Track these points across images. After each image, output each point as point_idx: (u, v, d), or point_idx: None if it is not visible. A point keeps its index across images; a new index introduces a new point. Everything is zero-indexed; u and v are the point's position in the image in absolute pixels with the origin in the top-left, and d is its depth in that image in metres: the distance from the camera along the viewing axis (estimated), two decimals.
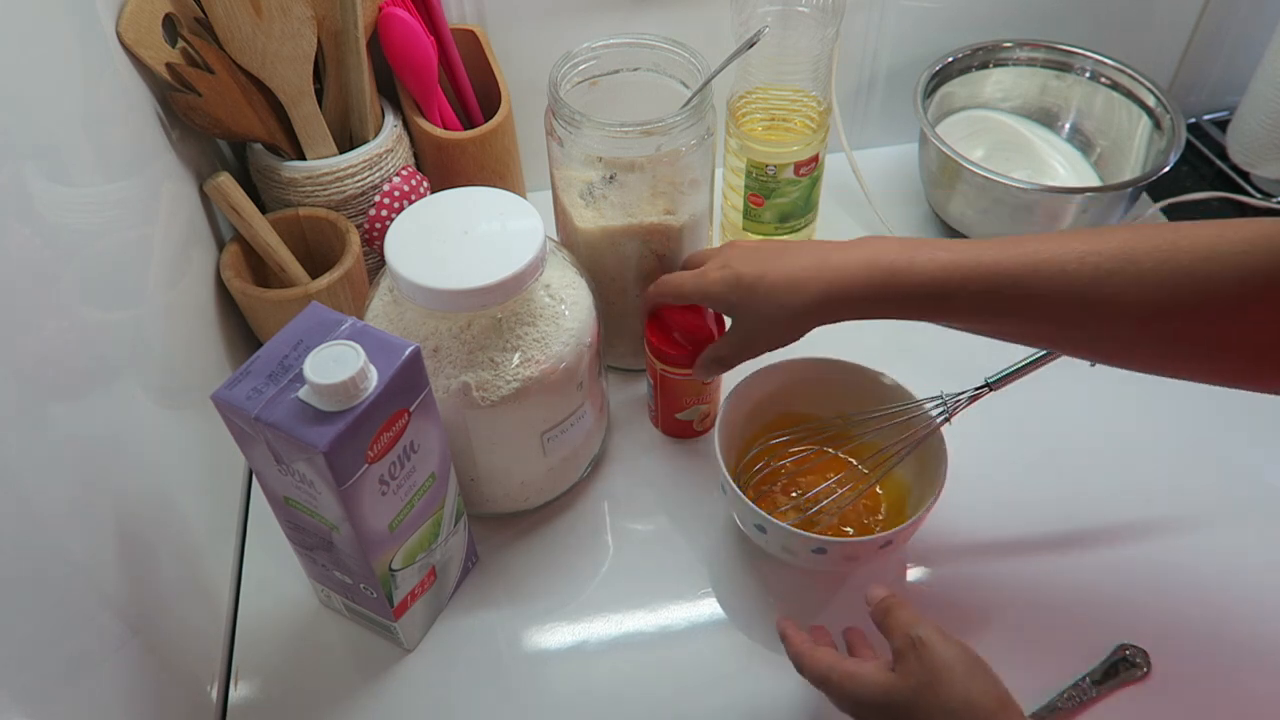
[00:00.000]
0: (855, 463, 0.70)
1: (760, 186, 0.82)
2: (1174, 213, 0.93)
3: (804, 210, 0.84)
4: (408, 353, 0.52)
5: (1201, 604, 0.67)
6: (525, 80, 0.82)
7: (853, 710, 0.52)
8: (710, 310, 0.70)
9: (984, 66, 0.93)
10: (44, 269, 0.51)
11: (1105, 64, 0.90)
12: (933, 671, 0.49)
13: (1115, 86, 0.90)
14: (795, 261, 0.60)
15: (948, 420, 0.64)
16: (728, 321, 0.66)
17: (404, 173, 0.78)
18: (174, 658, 0.59)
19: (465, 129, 0.81)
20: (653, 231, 0.71)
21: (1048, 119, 0.94)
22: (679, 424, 0.76)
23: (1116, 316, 0.51)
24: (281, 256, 0.74)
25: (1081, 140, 0.93)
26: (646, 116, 0.66)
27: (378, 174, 0.77)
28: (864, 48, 0.92)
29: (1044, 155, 0.92)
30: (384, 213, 0.77)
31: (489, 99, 0.82)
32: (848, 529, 0.68)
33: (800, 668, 0.56)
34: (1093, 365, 0.64)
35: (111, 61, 0.63)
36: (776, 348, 0.64)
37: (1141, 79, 0.88)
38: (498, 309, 0.61)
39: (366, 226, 0.78)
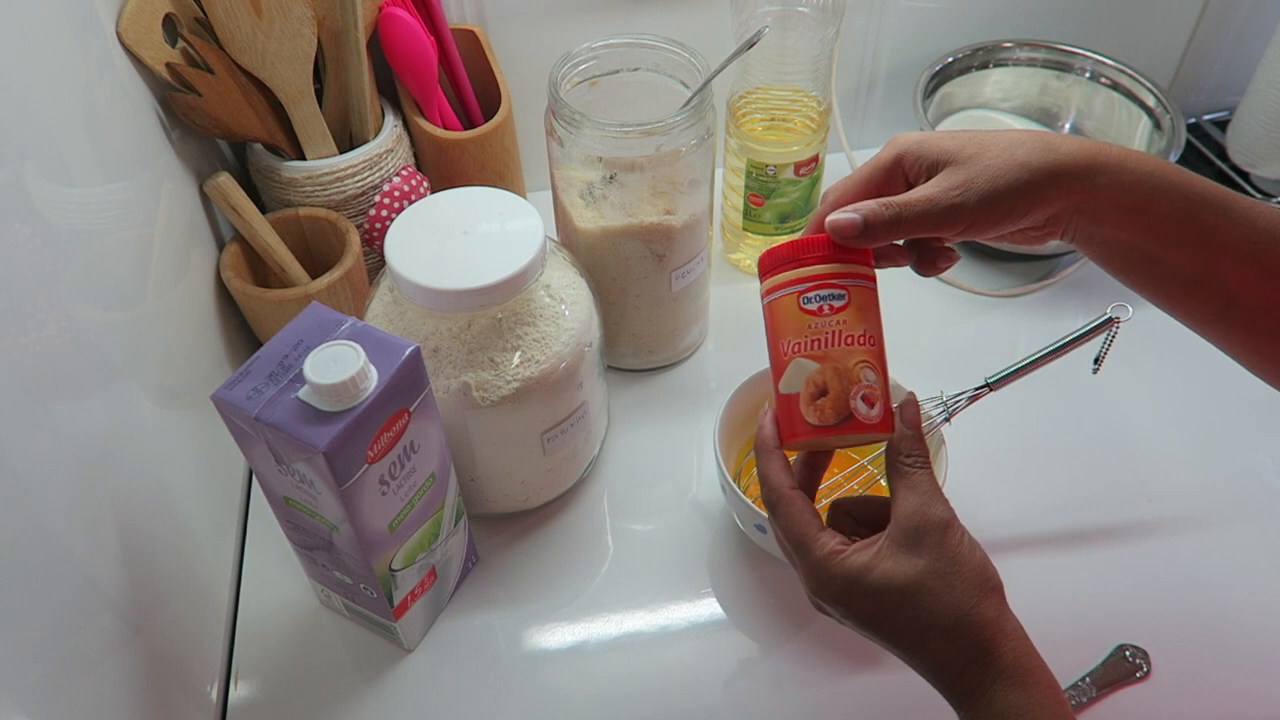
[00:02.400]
0: (855, 463, 0.70)
1: (760, 186, 0.82)
2: None
3: (804, 210, 0.84)
4: (408, 353, 0.52)
5: (1201, 604, 0.67)
6: (525, 80, 0.82)
7: (826, 599, 0.48)
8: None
9: (984, 66, 0.93)
10: (44, 269, 0.51)
11: (1105, 64, 0.90)
12: (953, 559, 0.45)
13: (1115, 86, 0.90)
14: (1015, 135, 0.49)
15: (948, 420, 0.64)
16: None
17: (404, 173, 0.78)
18: (174, 658, 0.59)
19: (465, 129, 0.81)
20: (653, 231, 0.71)
21: (1048, 119, 0.94)
22: (789, 408, 0.49)
23: None
24: (281, 256, 0.74)
25: None
26: (646, 116, 0.66)
27: (378, 174, 0.77)
28: (864, 48, 0.92)
29: None
30: (384, 213, 0.77)
31: (489, 99, 0.82)
32: None
33: (771, 510, 0.50)
34: (1095, 371, 0.64)
35: (111, 61, 0.63)
36: (987, 226, 0.48)
37: (1141, 79, 0.88)
38: (498, 309, 0.61)
39: (366, 226, 0.78)
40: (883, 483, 0.70)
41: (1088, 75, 0.91)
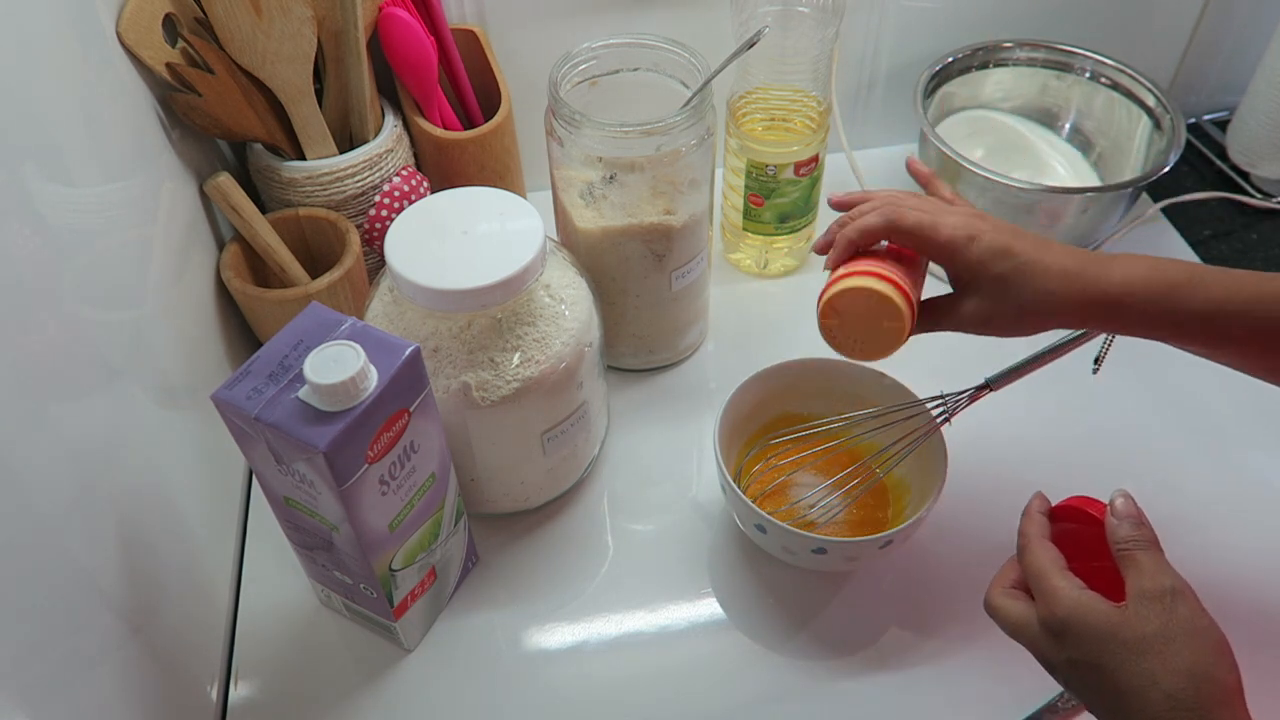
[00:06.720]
0: (856, 463, 0.70)
1: (760, 186, 0.82)
2: (1174, 213, 0.93)
3: (804, 210, 0.84)
4: (408, 353, 0.52)
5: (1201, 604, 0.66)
6: (525, 80, 0.82)
7: (1054, 628, 0.49)
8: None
9: (984, 66, 0.93)
10: (44, 269, 0.51)
11: (1105, 64, 0.90)
12: (1184, 630, 0.46)
13: (1115, 86, 0.90)
14: (1063, 253, 0.56)
15: (948, 420, 0.64)
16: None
17: (404, 173, 0.78)
18: (174, 658, 0.59)
19: (465, 129, 0.81)
20: (653, 231, 0.71)
21: (1048, 119, 0.94)
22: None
23: None
24: (281, 257, 0.74)
25: (1081, 140, 0.93)
26: (646, 116, 0.66)
27: (378, 174, 0.77)
28: (864, 48, 0.92)
29: (1044, 155, 0.92)
30: (384, 213, 0.77)
31: (489, 99, 0.82)
32: (848, 528, 0.68)
33: (1021, 552, 0.55)
34: (1095, 371, 0.64)
35: (111, 61, 0.63)
36: (1009, 336, 0.58)
37: (1141, 79, 0.88)
38: (498, 309, 0.61)
39: (366, 226, 0.78)
40: (880, 490, 0.70)
41: (1088, 75, 0.91)
